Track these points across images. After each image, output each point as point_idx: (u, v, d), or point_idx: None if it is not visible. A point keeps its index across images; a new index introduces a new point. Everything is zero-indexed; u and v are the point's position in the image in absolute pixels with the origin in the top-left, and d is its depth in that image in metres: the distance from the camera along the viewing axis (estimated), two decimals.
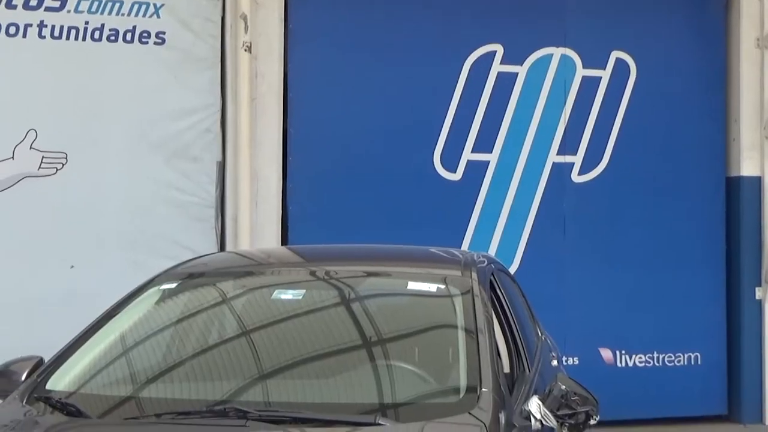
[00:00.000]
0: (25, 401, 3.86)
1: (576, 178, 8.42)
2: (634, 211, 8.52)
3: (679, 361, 8.64)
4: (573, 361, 8.30)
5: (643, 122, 8.52)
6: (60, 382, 3.98)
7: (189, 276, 4.66)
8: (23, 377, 4.06)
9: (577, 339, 8.31)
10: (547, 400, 3.78)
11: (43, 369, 4.08)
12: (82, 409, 3.76)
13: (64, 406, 3.78)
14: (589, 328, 8.44)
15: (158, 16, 7.50)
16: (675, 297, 8.58)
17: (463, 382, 3.84)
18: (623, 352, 8.59)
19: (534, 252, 8.32)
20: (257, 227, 7.63)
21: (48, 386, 3.94)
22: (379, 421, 3.55)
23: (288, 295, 4.44)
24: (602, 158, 8.46)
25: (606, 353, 8.57)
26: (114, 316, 4.35)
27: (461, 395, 3.78)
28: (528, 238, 8.35)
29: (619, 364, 8.58)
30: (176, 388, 4.04)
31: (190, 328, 4.44)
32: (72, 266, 7.46)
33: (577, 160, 8.41)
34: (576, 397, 3.81)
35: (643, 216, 8.53)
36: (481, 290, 4.32)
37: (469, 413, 3.60)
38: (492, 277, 4.71)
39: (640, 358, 8.60)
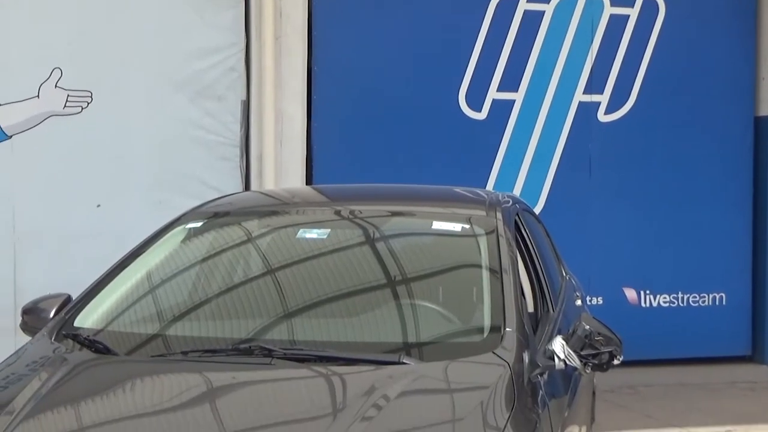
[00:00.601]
0: (53, 338, 3.91)
1: (602, 117, 8.36)
2: (661, 151, 8.47)
3: (703, 302, 8.64)
4: (597, 301, 8.32)
5: (671, 61, 8.42)
6: (87, 319, 4.02)
7: (214, 215, 4.68)
8: (51, 314, 4.11)
9: (602, 279, 8.32)
10: (570, 340, 3.79)
11: (70, 306, 4.12)
12: (110, 346, 3.80)
13: (92, 343, 3.82)
14: (613, 268, 8.44)
15: None
16: (701, 237, 8.56)
17: (487, 322, 3.85)
18: (647, 292, 8.59)
19: (559, 192, 8.30)
20: (282, 166, 7.63)
21: (76, 323, 3.99)
22: (403, 360, 3.57)
23: (313, 234, 4.45)
24: (629, 98, 8.39)
25: (630, 293, 8.57)
26: (140, 254, 4.38)
27: (485, 335, 3.80)
28: (553, 178, 8.32)
29: (643, 304, 8.59)
30: (202, 326, 4.08)
31: (215, 267, 4.46)
32: (98, 205, 7.51)
33: (604, 99, 8.35)
34: (600, 337, 3.81)
35: (669, 155, 8.48)
36: (505, 230, 4.32)
37: (493, 353, 3.61)
38: (517, 217, 4.70)
39: (665, 298, 8.60)
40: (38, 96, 7.37)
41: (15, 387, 3.53)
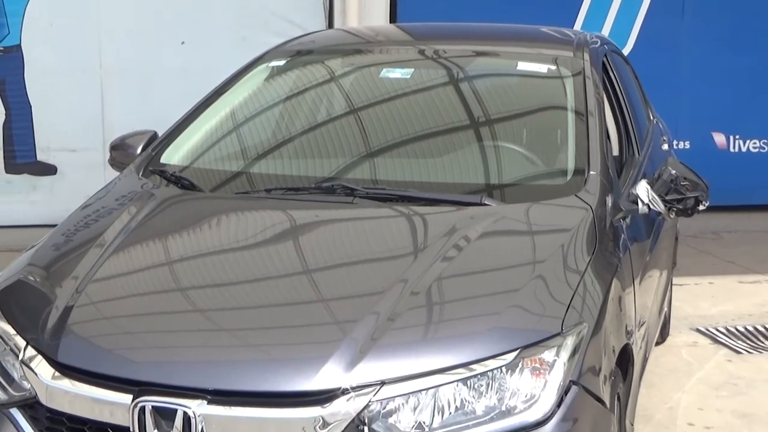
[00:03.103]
0: (140, 174, 3.98)
1: None
2: None
3: None
4: (684, 146, 8.19)
5: None
6: (173, 156, 4.08)
7: (297, 53, 4.65)
8: (138, 151, 4.17)
9: (690, 123, 8.16)
10: (655, 185, 3.74)
11: (157, 143, 4.17)
12: (195, 182, 3.86)
13: (178, 179, 3.89)
14: (702, 112, 8.26)
15: None
16: None
17: (570, 165, 3.81)
18: (737, 137, 8.42)
19: (649, 33, 8.07)
20: (365, 4, 7.52)
21: (162, 160, 4.05)
22: (485, 201, 3.57)
23: (396, 73, 4.40)
24: None
25: (719, 138, 8.41)
26: (224, 92, 4.40)
27: (568, 177, 3.76)
28: (643, 19, 8.08)
29: (731, 149, 8.43)
30: (285, 164, 4.11)
31: (298, 106, 4.46)
32: (183, 42, 7.53)
33: None
34: (686, 182, 3.75)
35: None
36: (592, 71, 4.22)
37: (576, 196, 3.59)
38: (604, 59, 4.58)
39: (754, 143, 8.43)
40: None
41: (105, 221, 3.62)
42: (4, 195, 7.53)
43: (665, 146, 5.35)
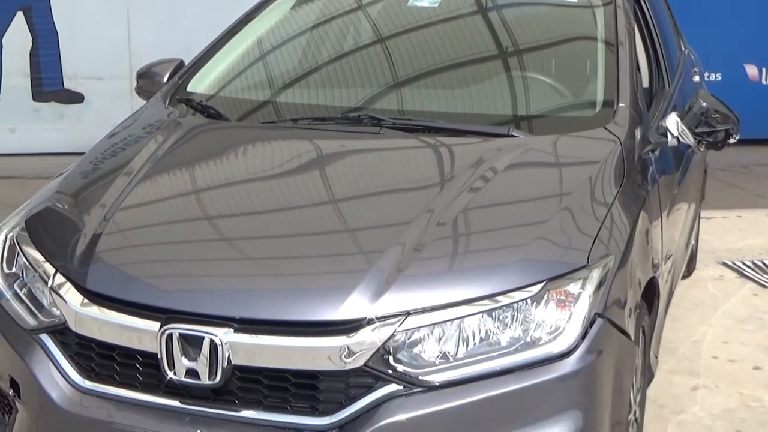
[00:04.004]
0: (167, 102, 3.98)
1: None
2: None
3: None
4: (715, 78, 8.08)
5: None
6: (200, 84, 4.07)
7: None
8: (165, 79, 4.16)
9: (721, 54, 8.04)
10: (685, 117, 3.70)
11: (183, 71, 4.16)
12: (222, 111, 3.86)
13: (204, 108, 3.88)
14: (734, 43, 8.14)
15: None
16: None
17: (599, 96, 3.77)
18: None
19: None
20: None
21: (188, 88, 4.04)
22: (513, 133, 3.54)
23: (424, 2, 4.35)
24: None
25: (751, 70, 8.29)
26: (250, 21, 4.37)
27: (597, 109, 3.73)
28: None
29: (763, 81, 8.32)
30: (312, 94, 4.09)
31: (325, 35, 4.43)
32: None
33: None
34: (716, 115, 3.70)
35: None
36: (623, 1, 4.16)
37: (604, 128, 3.56)
38: None
39: None
40: None
41: (132, 149, 3.63)
42: (31, 123, 7.56)
43: (696, 78, 5.28)
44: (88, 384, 2.86)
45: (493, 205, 3.16)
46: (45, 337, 2.95)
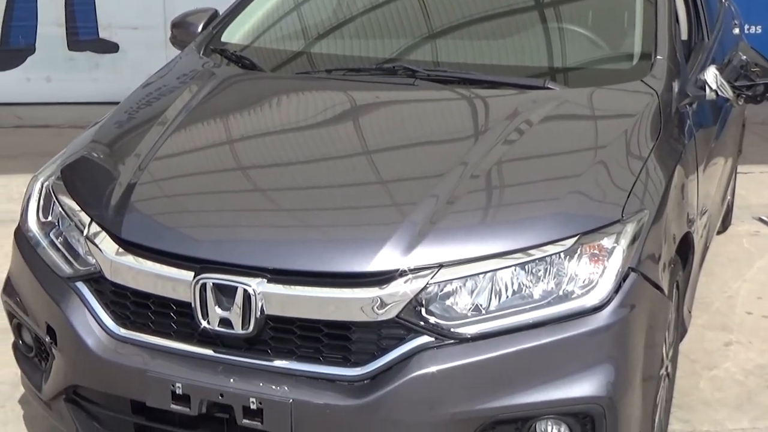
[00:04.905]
0: (202, 53, 3.97)
1: None
2: None
3: None
4: (756, 30, 7.95)
5: None
6: (234, 35, 4.06)
7: None
8: (199, 29, 4.16)
9: (762, 6, 7.90)
10: (724, 70, 3.65)
11: (218, 21, 4.15)
12: (256, 62, 3.85)
13: (239, 58, 3.88)
14: None
15: None
16: None
17: (637, 49, 3.73)
18: None
19: None
20: None
21: (223, 38, 4.03)
22: (548, 85, 3.51)
23: None
24: None
25: None
26: None
27: (634, 62, 3.69)
28: None
29: None
30: (346, 45, 4.07)
31: None
32: None
33: None
34: (756, 68, 3.65)
35: None
36: None
37: (642, 80, 3.52)
38: None
39: None
40: None
41: (166, 99, 3.64)
42: (67, 72, 7.58)
43: (736, 31, 5.20)
44: (123, 332, 2.89)
45: (527, 158, 3.15)
46: (81, 285, 2.98)
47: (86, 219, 3.04)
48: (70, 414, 3.03)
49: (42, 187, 3.29)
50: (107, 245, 2.93)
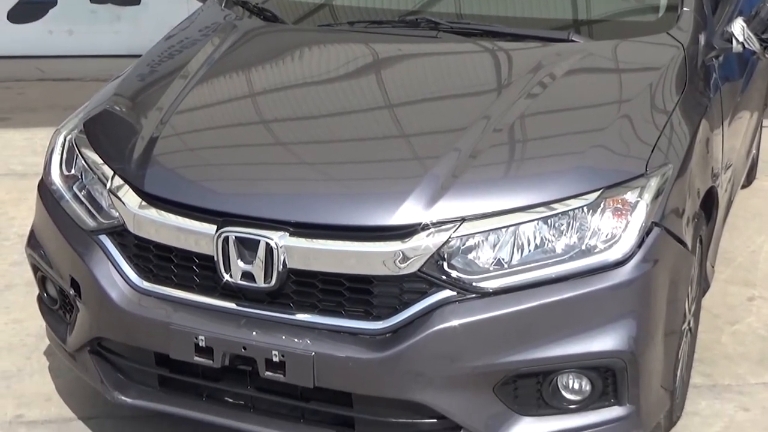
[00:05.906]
0: (224, 5, 3.95)
1: None
2: None
3: None
4: None
5: None
6: None
7: None
8: None
9: None
10: (752, 23, 3.60)
11: None
12: (278, 14, 3.83)
13: (261, 11, 3.85)
14: None
15: None
16: None
17: (663, 0, 3.68)
18: None
19: None
20: None
21: None
22: (572, 38, 3.48)
23: None
24: None
25: None
26: None
27: (660, 14, 3.64)
28: None
29: None
30: None
31: None
32: None
33: None
34: None
35: None
36: None
37: (667, 33, 3.48)
38: None
39: None
40: None
41: (188, 52, 3.63)
42: (88, 24, 7.57)
43: None
44: (146, 285, 2.91)
45: (550, 111, 3.13)
46: (104, 238, 3.00)
47: (109, 172, 3.05)
48: (95, 366, 3.06)
49: (65, 140, 3.29)
50: (130, 198, 2.94)
